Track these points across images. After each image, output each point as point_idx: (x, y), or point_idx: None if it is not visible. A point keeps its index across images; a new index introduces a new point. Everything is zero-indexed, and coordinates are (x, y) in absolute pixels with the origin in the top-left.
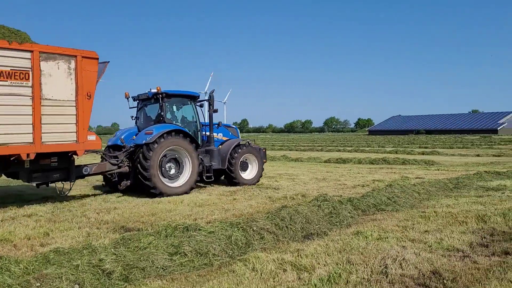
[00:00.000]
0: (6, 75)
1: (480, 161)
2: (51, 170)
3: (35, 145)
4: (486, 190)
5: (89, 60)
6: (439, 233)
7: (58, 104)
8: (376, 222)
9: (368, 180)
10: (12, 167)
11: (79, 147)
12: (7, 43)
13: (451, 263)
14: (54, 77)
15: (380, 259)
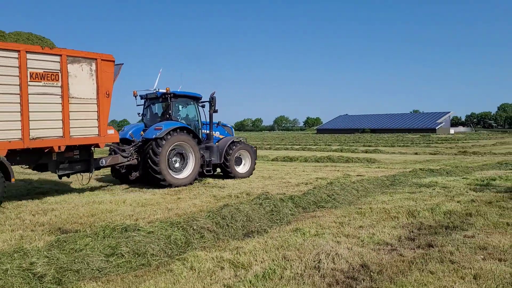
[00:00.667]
0: (40, 77)
1: (418, 159)
2: (74, 162)
3: (65, 139)
4: (419, 187)
5: (107, 63)
6: (372, 228)
7: (83, 102)
8: (315, 219)
9: (312, 178)
10: (42, 159)
11: (101, 140)
12: (41, 48)
13: (379, 256)
14: (79, 78)
15: (315, 254)
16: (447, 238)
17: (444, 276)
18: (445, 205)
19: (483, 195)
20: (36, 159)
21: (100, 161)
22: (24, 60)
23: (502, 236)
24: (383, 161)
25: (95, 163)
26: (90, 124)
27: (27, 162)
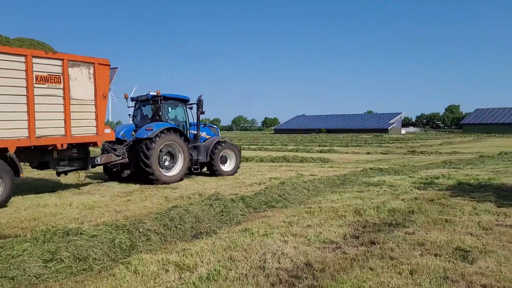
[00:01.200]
0: (45, 79)
1: (369, 158)
2: (73, 159)
3: (67, 137)
4: (367, 186)
5: (103, 66)
6: (319, 227)
7: (82, 103)
8: (265, 219)
9: (266, 178)
10: (45, 157)
11: (99, 139)
12: (45, 53)
13: (323, 254)
14: (79, 81)
15: (261, 254)
16: (389, 235)
17: (383, 272)
18: (390, 203)
19: (426, 193)
20: (39, 156)
21: (96, 159)
22: (30, 64)
23: (440, 232)
24: (336, 160)
25: (91, 161)
26: (89, 123)
27: (31, 159)
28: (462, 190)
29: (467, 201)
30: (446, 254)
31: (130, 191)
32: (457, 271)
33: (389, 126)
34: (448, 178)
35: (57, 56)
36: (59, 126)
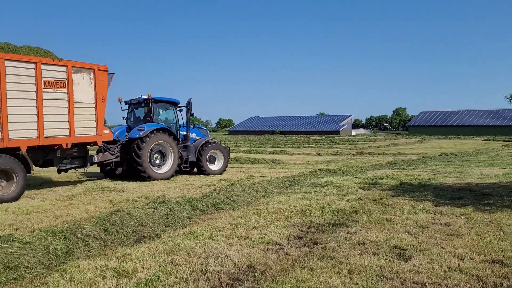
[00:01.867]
0: (52, 84)
1: (320, 159)
2: (74, 158)
3: (71, 137)
4: (315, 187)
5: (102, 72)
6: (265, 228)
7: (84, 106)
8: (212, 221)
9: (216, 180)
10: (49, 155)
11: (98, 139)
12: (52, 60)
13: (266, 256)
14: (81, 86)
15: (204, 257)
16: (332, 235)
17: (322, 272)
18: (335, 204)
19: (370, 193)
20: (44, 155)
21: (93, 157)
22: (40, 70)
23: (380, 231)
24: (288, 162)
25: (89, 159)
26: (90, 125)
27: (37, 157)
28: (403, 190)
29: (407, 201)
30: (383, 253)
31: (73, 194)
32: (392, 269)
33: (340, 128)
34: (391, 179)
35: (63, 63)
36: (64, 127)
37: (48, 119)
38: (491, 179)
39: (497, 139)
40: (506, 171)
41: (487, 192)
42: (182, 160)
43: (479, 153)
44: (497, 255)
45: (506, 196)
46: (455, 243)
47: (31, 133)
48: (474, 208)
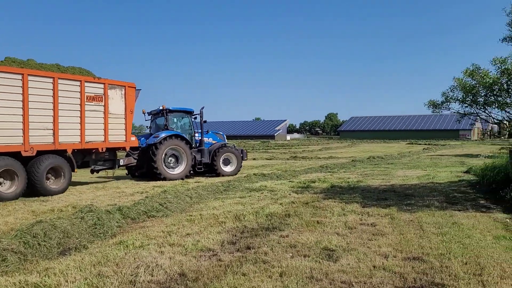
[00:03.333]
0: (92, 99)
1: (255, 164)
2: (106, 160)
3: (105, 142)
4: (249, 191)
5: (131, 88)
6: (198, 235)
7: (116, 117)
8: (144, 229)
9: (149, 187)
10: (86, 157)
11: (127, 144)
12: (93, 78)
13: (199, 263)
14: (114, 100)
15: (134, 267)
16: (265, 239)
17: (255, 277)
18: (269, 208)
19: (302, 196)
20: (83, 157)
21: (120, 161)
22: (83, 87)
23: (311, 233)
24: None
25: (117, 162)
26: (120, 132)
27: (77, 159)
28: (334, 192)
29: (337, 203)
30: (314, 255)
31: None
32: (322, 270)
33: (275, 132)
34: (323, 182)
35: (101, 81)
36: (101, 134)
37: (88, 127)
38: (413, 181)
39: (419, 143)
40: (426, 173)
41: (409, 193)
42: (196, 162)
43: (403, 156)
44: (417, 252)
45: (426, 196)
46: (380, 242)
47: (75, 138)
48: (398, 208)
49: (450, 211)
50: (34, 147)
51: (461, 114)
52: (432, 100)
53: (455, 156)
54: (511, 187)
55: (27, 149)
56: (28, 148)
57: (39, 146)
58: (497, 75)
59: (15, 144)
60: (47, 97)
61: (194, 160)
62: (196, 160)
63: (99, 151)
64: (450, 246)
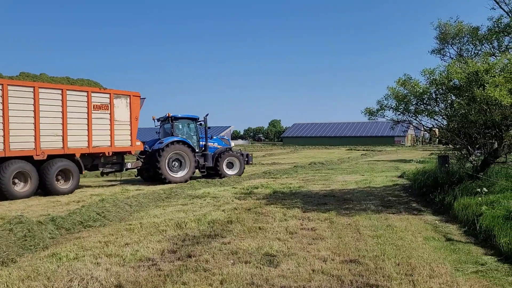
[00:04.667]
0: (98, 107)
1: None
2: (113, 164)
3: (112, 147)
4: (192, 198)
5: (135, 97)
6: (137, 244)
7: (122, 124)
8: (79, 240)
9: (87, 195)
10: (95, 161)
11: (132, 149)
12: (99, 89)
13: (137, 273)
14: (120, 108)
15: (67, 281)
16: (206, 247)
17: (195, 286)
18: (211, 215)
19: (245, 202)
20: (92, 160)
21: (128, 164)
22: (90, 97)
23: (252, 239)
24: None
25: (125, 165)
26: (126, 138)
27: (87, 162)
28: (276, 198)
29: (279, 208)
30: (255, 261)
31: None
32: (262, 276)
33: None
34: (266, 188)
35: (107, 91)
36: (107, 139)
37: (95, 133)
38: (352, 185)
39: (358, 149)
40: (364, 178)
41: (348, 198)
42: (200, 166)
43: (343, 161)
44: (354, 255)
45: (363, 200)
46: (319, 246)
47: (83, 143)
48: (337, 213)
49: (385, 214)
50: (45, 152)
51: (395, 121)
52: (368, 108)
53: (390, 161)
54: (439, 191)
55: (39, 153)
56: (39, 152)
57: (50, 150)
58: (427, 85)
59: (28, 149)
60: (57, 106)
61: (198, 164)
62: (200, 164)
63: (107, 155)
64: (384, 248)
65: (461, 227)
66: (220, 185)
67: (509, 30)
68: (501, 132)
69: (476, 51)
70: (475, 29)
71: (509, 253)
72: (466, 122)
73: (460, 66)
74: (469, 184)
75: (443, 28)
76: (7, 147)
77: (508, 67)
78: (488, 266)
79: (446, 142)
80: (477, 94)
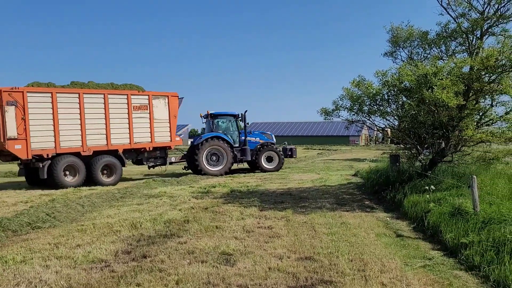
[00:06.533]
0: (138, 108)
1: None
2: (157, 158)
3: (152, 143)
4: (148, 198)
5: (174, 97)
6: (90, 245)
7: (161, 121)
8: (27, 242)
9: (35, 196)
10: (139, 156)
11: (171, 144)
12: (137, 92)
13: (89, 276)
14: (159, 107)
15: (14, 285)
16: (162, 247)
17: (150, 287)
18: (167, 214)
19: (202, 201)
20: (136, 155)
21: (172, 158)
22: (130, 99)
23: (209, 238)
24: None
25: (168, 159)
26: (165, 134)
27: (131, 157)
28: (233, 197)
29: (236, 207)
30: (211, 260)
31: None
32: (219, 275)
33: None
34: (223, 187)
35: (145, 93)
36: (147, 136)
37: (136, 131)
38: (308, 184)
39: (314, 148)
40: (320, 176)
41: (304, 196)
42: (237, 160)
43: (299, 160)
44: (310, 252)
45: (319, 198)
46: (276, 244)
47: (125, 140)
48: (293, 211)
49: (340, 212)
50: (91, 148)
51: (349, 121)
52: (324, 108)
53: (345, 160)
54: (390, 189)
55: (85, 150)
56: (86, 149)
57: (95, 147)
58: (379, 86)
59: (76, 146)
60: (100, 109)
61: (235, 158)
62: (237, 158)
63: (150, 150)
64: (338, 244)
65: (411, 223)
66: (177, 184)
67: (455, 35)
68: (448, 132)
69: (426, 54)
70: (425, 34)
71: (454, 247)
72: (415, 122)
73: (410, 69)
74: (418, 182)
75: (395, 32)
76: (57, 145)
77: (455, 71)
78: (435, 261)
79: (397, 142)
80: (426, 96)
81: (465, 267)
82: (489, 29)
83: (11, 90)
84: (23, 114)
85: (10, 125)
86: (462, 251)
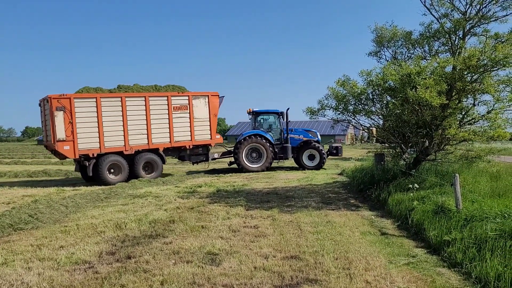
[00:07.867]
0: (178, 108)
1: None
2: (199, 155)
3: (192, 141)
4: (133, 198)
5: (214, 96)
6: (73, 247)
7: (201, 120)
8: (8, 244)
9: (18, 197)
10: (181, 153)
11: (212, 141)
12: (177, 93)
13: (72, 277)
14: (199, 107)
15: None
16: (147, 247)
17: (134, 287)
18: (152, 214)
19: (188, 201)
20: (178, 152)
21: (215, 155)
22: (170, 100)
23: (195, 238)
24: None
25: (211, 156)
26: (205, 132)
27: (174, 154)
28: (219, 196)
29: (222, 207)
30: (197, 260)
31: None
32: (204, 275)
33: None
34: (209, 186)
35: (185, 94)
36: (187, 135)
37: (176, 130)
38: (294, 183)
39: None
40: (306, 175)
41: (290, 195)
42: (277, 157)
43: None
44: (295, 251)
45: (305, 198)
46: (262, 244)
47: (165, 139)
48: (279, 210)
49: (325, 211)
50: (133, 147)
51: (335, 120)
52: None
53: (331, 159)
54: (375, 187)
55: (128, 149)
56: (128, 148)
57: (137, 146)
58: (364, 86)
59: (119, 146)
60: (141, 110)
61: (275, 155)
62: (277, 155)
63: (191, 148)
64: (323, 243)
65: (395, 221)
66: (162, 184)
67: (438, 35)
68: (431, 131)
69: (409, 54)
70: (408, 34)
71: (437, 245)
72: (400, 121)
73: (394, 68)
74: (402, 181)
75: (379, 32)
76: (102, 145)
77: (438, 70)
78: (418, 258)
79: (382, 141)
80: (410, 95)
81: (448, 264)
82: (471, 30)
83: (59, 97)
84: (71, 118)
85: (59, 128)
86: (445, 249)
